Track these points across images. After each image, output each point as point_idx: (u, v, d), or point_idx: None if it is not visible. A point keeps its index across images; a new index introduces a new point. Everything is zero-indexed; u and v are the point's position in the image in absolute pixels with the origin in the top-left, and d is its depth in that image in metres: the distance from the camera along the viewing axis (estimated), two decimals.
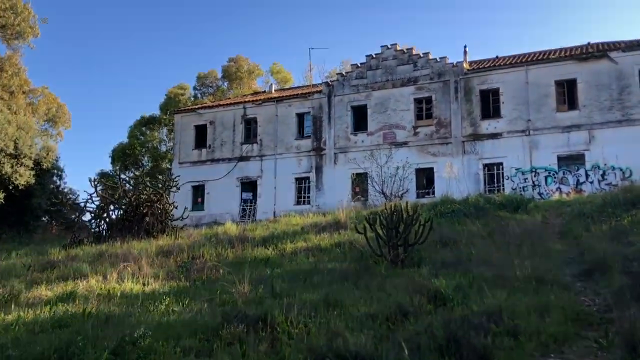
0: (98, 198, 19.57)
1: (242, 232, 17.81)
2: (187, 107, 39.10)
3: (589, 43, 29.62)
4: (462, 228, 15.40)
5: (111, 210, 19.91)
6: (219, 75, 49.44)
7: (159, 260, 14.03)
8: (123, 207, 19.63)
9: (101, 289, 11.00)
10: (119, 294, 10.57)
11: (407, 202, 12.44)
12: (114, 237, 18.37)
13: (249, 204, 33.65)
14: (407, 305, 7.83)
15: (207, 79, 49.97)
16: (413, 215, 12.15)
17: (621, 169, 25.80)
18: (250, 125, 34.87)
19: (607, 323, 7.90)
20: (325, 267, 12.25)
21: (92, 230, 19.58)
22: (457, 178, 25.19)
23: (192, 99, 49.82)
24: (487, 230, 14.97)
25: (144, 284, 11.58)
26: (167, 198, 19.90)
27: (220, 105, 36.35)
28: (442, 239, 14.18)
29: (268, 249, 15.09)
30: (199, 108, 36.99)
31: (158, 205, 19.08)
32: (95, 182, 19.79)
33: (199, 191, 35.23)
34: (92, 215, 19.66)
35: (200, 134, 35.95)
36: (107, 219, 19.70)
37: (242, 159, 34.28)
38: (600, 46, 28.32)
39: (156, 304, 9.30)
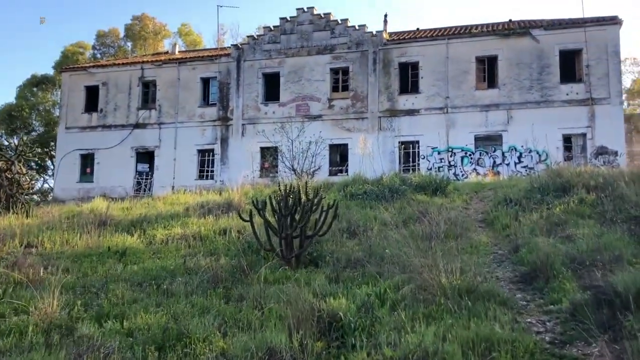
0: None
1: (111, 212, 14.13)
2: (76, 65, 33.87)
3: (510, 20, 27.90)
4: (375, 213, 12.70)
5: None
6: (122, 34, 43.96)
7: None
8: None
9: None
10: None
11: (306, 182, 9.51)
12: None
13: (144, 177, 29.54)
14: (282, 349, 4.83)
15: (108, 38, 44.30)
16: (314, 198, 9.18)
17: (537, 152, 24.35)
18: (148, 89, 30.48)
19: None
20: (197, 265, 9.08)
21: None
22: (371, 155, 22.66)
23: (92, 59, 44.09)
24: (403, 216, 12.36)
25: None
26: (20, 167, 15.74)
27: (115, 64, 31.54)
28: (350, 228, 11.39)
29: (133, 236, 11.62)
30: (90, 67, 31.96)
31: (7, 176, 14.94)
32: None
33: (88, 160, 30.56)
34: None
35: (92, 96, 31.07)
36: None
37: (138, 126, 29.94)
38: (523, 23, 26.63)
39: None
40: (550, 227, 10.95)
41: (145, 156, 29.98)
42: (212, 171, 28.76)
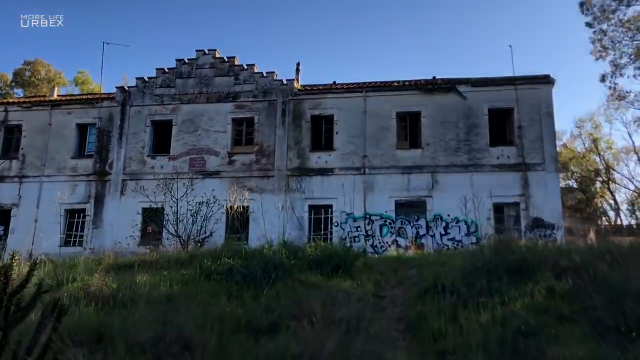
0: None
1: None
2: None
3: (434, 77, 24.48)
4: (229, 308, 7.36)
5: None
6: (10, 80, 37.60)
7: None
8: None
9: None
10: None
11: None
12: None
13: None
14: None
15: None
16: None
17: (466, 222, 20.13)
18: (12, 135, 24.26)
19: None
20: None
21: None
22: (261, 217, 17.69)
23: None
24: (273, 315, 7.10)
25: None
26: None
27: None
28: (170, 346, 5.97)
29: None
30: None
31: None
32: None
33: None
34: None
35: None
36: None
37: None
38: (448, 80, 23.20)
39: None
40: (515, 340, 6.10)
41: (1, 216, 23.30)
42: (81, 236, 22.45)
